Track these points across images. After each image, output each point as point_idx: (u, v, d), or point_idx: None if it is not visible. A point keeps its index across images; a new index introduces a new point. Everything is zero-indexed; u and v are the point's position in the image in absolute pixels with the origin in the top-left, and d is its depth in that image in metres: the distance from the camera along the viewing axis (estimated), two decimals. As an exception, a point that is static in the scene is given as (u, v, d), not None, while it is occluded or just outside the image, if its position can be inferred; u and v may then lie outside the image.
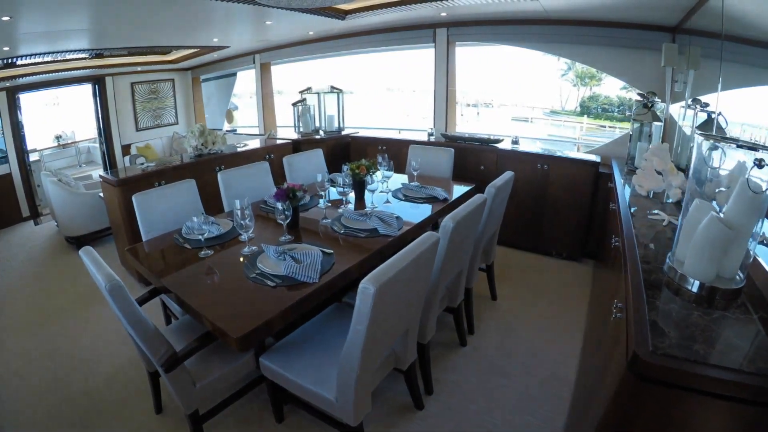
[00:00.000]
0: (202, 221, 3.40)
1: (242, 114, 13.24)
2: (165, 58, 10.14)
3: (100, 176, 5.71)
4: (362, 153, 7.48)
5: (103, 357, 4.31)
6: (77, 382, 4.00)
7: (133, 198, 3.85)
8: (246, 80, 12.22)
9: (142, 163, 5.96)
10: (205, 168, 6.04)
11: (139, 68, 10.59)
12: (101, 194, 6.69)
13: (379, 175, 4.64)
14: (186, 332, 3.10)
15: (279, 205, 3.24)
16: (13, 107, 9.30)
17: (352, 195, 4.31)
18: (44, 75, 9.02)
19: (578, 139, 16.98)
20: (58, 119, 17.07)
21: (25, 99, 9.80)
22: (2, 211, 9.39)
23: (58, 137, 15.12)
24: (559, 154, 5.82)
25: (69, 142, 15.42)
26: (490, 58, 7.02)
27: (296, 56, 9.29)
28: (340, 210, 4.01)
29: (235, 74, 12.16)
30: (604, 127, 19.37)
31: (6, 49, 5.49)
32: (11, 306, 5.67)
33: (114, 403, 3.71)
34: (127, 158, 10.72)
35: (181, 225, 3.88)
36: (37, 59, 7.65)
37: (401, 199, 4.42)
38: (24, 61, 7.88)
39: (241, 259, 3.09)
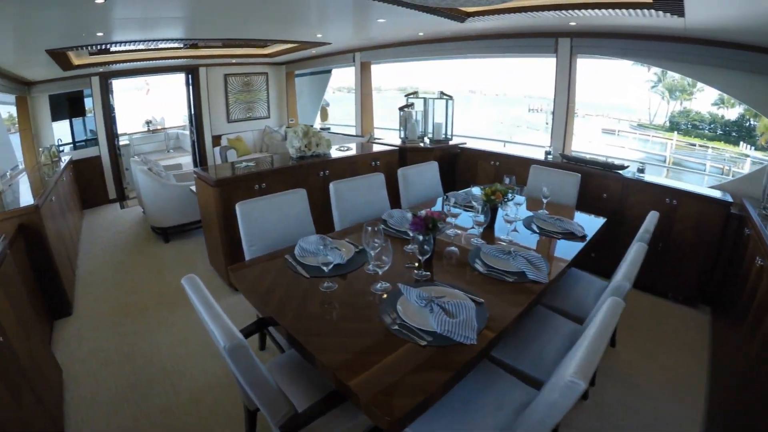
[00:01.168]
0: (321, 245, 2.98)
1: (331, 110, 12.93)
2: (261, 51, 9.89)
3: (195, 172, 5.44)
4: (471, 166, 6.96)
5: (187, 369, 3.95)
6: (157, 395, 3.65)
7: (237, 207, 3.48)
8: (334, 74, 12.10)
9: (241, 162, 5.62)
10: (308, 172, 5.65)
11: (233, 60, 10.39)
12: (192, 188, 6.49)
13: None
14: (297, 373, 2.63)
15: (420, 238, 2.74)
16: (106, 92, 9.42)
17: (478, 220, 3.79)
18: (138, 63, 8.97)
19: (668, 158, 16.06)
20: (148, 105, 17.46)
21: (117, 84, 9.94)
22: (90, 192, 9.49)
23: (148, 122, 15.47)
24: (690, 189, 5.12)
25: (158, 127, 15.74)
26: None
27: (399, 57, 8.80)
28: (474, 241, 3.48)
29: (329, 71, 11.84)
30: (694, 145, 18.06)
31: (100, 34, 5.28)
32: (91, 296, 5.44)
33: (198, 427, 3.34)
34: (217, 149, 10.64)
35: (288, 241, 3.50)
36: (131, 47, 7.51)
37: (535, 232, 3.85)
38: (118, 48, 7.70)
39: (375, 300, 2.60)
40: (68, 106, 9.63)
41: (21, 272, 3.96)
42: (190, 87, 10.73)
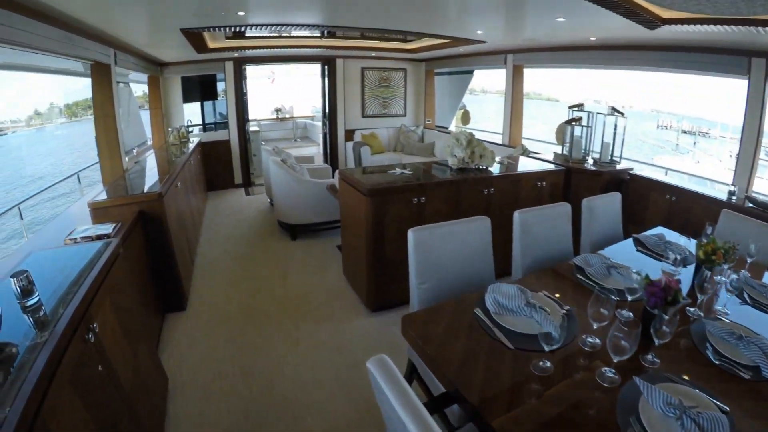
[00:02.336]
0: (522, 301, 2.39)
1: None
2: (403, 46, 9.38)
3: (340, 173, 5.00)
4: (642, 198, 5.82)
5: (313, 403, 3.44)
6: (275, 429, 3.17)
7: (411, 234, 2.88)
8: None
9: (394, 169, 5.07)
10: (470, 188, 4.92)
11: (373, 53, 9.94)
12: (329, 184, 6.20)
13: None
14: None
15: (664, 316, 2.01)
16: (239, 77, 9.49)
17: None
18: (273, 50, 8.80)
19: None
20: (274, 93, 17.76)
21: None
22: (216, 175, 9.64)
23: (277, 110, 15.87)
24: None
25: (287, 116, 16.02)
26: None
27: (558, 62, 7.83)
28: (691, 313, 2.60)
29: (471, 72, 11.22)
30: None
31: (241, 14, 4.93)
32: (208, 291, 5.16)
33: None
34: (349, 144, 10.35)
35: (467, 282, 2.99)
36: (266, 32, 7.41)
37: (746, 302, 2.90)
38: (253, 33, 7.74)
39: (606, 396, 1.90)
40: (200, 89, 9.95)
41: (136, 262, 3.80)
42: (326, 78, 10.49)
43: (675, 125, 38.46)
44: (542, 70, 8.86)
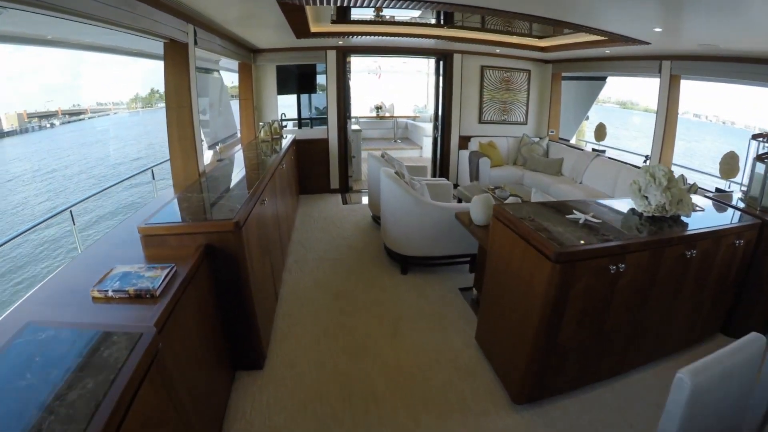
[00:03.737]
0: None
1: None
2: (536, 42, 7.95)
3: (495, 212, 3.50)
4: None
5: None
6: None
7: (687, 379, 1.61)
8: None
9: (576, 215, 3.32)
10: (671, 249, 3.23)
11: (497, 50, 8.49)
12: (459, 211, 4.81)
13: None
14: None
15: None
16: (343, 69, 8.50)
17: None
18: (383, 38, 7.57)
19: None
20: (377, 90, 17.05)
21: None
22: (310, 178, 8.80)
23: (377, 108, 15.14)
24: None
25: (387, 114, 15.27)
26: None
27: (727, 76, 5.91)
28: None
29: (604, 78, 9.80)
30: None
31: None
32: (294, 344, 3.99)
33: None
34: (464, 153, 9.08)
35: None
36: (370, 12, 6.88)
37: None
38: (359, 16, 7.07)
39: None
40: (297, 80, 9.20)
41: (194, 323, 2.63)
42: (441, 76, 9.21)
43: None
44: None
